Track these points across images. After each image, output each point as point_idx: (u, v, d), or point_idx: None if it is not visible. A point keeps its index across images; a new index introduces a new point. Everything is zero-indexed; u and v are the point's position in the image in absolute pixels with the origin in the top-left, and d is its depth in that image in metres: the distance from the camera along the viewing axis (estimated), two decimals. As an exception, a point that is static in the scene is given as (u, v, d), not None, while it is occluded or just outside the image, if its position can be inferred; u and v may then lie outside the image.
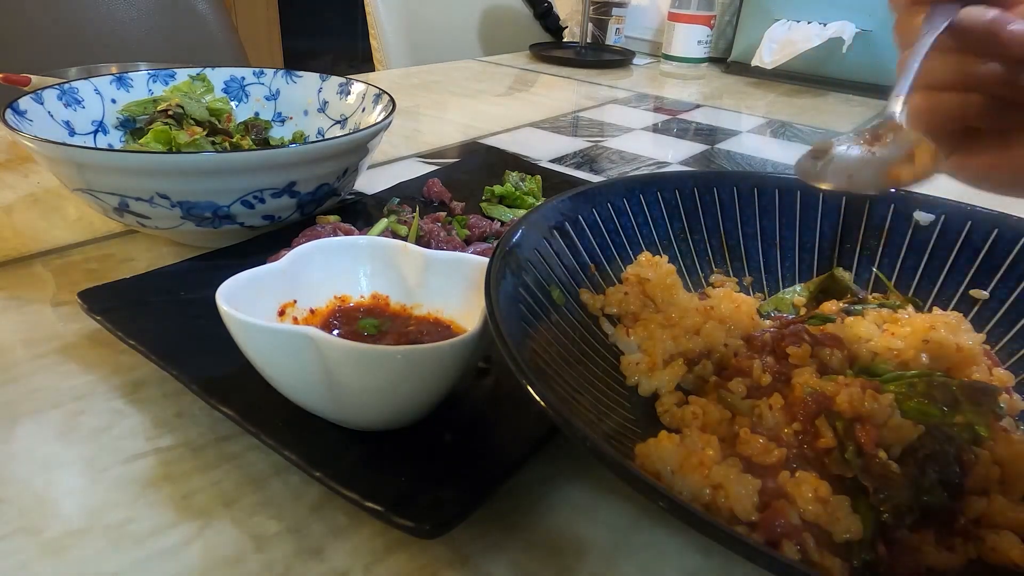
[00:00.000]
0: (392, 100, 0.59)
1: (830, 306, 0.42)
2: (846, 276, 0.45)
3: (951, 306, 0.42)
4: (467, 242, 0.54)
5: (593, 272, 0.42)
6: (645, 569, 0.30)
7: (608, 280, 0.42)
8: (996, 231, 0.42)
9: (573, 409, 0.30)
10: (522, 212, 0.60)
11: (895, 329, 0.36)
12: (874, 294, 0.44)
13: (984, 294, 0.42)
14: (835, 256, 0.46)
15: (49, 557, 0.29)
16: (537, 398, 0.25)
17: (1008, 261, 0.42)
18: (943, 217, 0.44)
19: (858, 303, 0.42)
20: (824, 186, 0.32)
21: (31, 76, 0.70)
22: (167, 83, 0.64)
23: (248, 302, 0.33)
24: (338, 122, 0.65)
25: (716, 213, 0.47)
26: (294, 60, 3.32)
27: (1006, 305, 0.41)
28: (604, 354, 0.38)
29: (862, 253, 0.46)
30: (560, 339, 0.36)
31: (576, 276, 0.40)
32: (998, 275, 0.42)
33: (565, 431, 0.25)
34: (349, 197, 0.62)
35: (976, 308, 0.42)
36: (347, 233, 0.50)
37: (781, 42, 1.23)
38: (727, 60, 1.41)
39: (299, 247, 0.38)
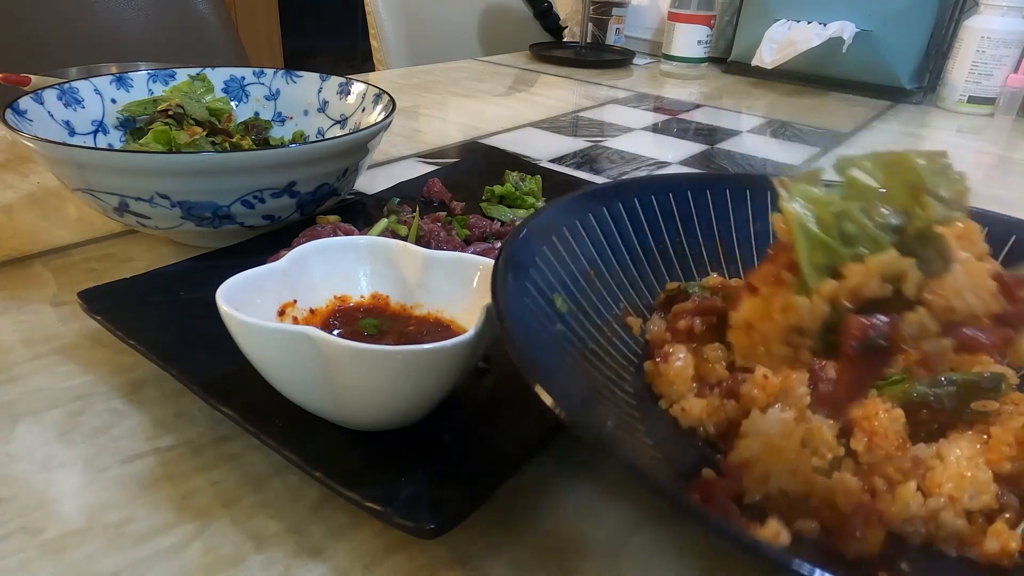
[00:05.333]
0: (392, 100, 0.59)
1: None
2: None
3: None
4: (467, 242, 0.54)
5: (592, 278, 0.41)
6: (645, 569, 0.30)
7: (608, 288, 0.42)
8: (1014, 237, 0.42)
9: (588, 417, 0.30)
10: (522, 212, 0.60)
11: None
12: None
13: None
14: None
15: (49, 557, 0.29)
16: (558, 412, 0.25)
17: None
18: None
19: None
20: None
21: (31, 76, 0.70)
22: (167, 83, 0.64)
23: (248, 302, 0.33)
24: (338, 122, 0.65)
25: (710, 216, 0.47)
26: (294, 60, 3.31)
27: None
28: (609, 363, 0.38)
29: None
30: (565, 347, 0.35)
31: (577, 283, 0.40)
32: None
33: (586, 438, 0.24)
34: (349, 197, 0.62)
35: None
36: (347, 233, 0.50)
37: (781, 42, 1.23)
38: (727, 60, 1.41)
39: (299, 247, 0.38)
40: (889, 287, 0.23)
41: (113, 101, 0.61)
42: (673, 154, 0.88)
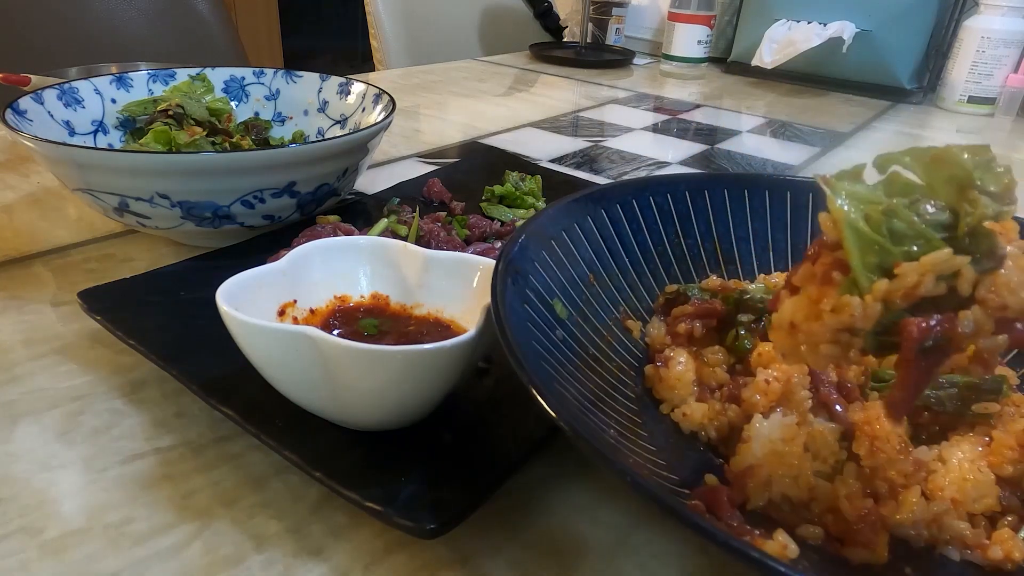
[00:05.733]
0: (392, 100, 0.59)
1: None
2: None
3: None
4: (467, 242, 0.54)
5: (592, 283, 0.41)
6: (645, 569, 0.30)
7: (607, 291, 0.42)
8: None
9: (591, 429, 0.29)
10: (522, 212, 0.60)
11: None
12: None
13: None
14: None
15: (49, 557, 0.29)
16: (565, 427, 0.24)
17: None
18: None
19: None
20: None
21: (31, 76, 0.70)
22: (167, 83, 0.64)
23: (248, 302, 0.33)
24: (338, 122, 0.65)
25: (708, 217, 0.47)
26: (294, 60, 3.31)
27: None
28: (610, 368, 0.38)
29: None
30: (566, 354, 0.35)
31: (576, 288, 0.40)
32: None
33: (591, 455, 0.24)
34: (349, 197, 0.62)
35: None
36: (347, 233, 0.50)
37: (781, 42, 1.23)
38: (727, 60, 1.41)
39: (299, 247, 0.38)
40: (944, 285, 0.23)
41: (113, 101, 0.61)
42: (673, 154, 0.88)
